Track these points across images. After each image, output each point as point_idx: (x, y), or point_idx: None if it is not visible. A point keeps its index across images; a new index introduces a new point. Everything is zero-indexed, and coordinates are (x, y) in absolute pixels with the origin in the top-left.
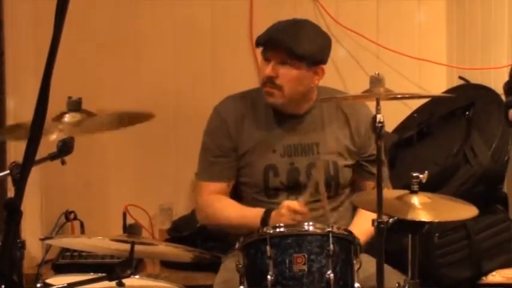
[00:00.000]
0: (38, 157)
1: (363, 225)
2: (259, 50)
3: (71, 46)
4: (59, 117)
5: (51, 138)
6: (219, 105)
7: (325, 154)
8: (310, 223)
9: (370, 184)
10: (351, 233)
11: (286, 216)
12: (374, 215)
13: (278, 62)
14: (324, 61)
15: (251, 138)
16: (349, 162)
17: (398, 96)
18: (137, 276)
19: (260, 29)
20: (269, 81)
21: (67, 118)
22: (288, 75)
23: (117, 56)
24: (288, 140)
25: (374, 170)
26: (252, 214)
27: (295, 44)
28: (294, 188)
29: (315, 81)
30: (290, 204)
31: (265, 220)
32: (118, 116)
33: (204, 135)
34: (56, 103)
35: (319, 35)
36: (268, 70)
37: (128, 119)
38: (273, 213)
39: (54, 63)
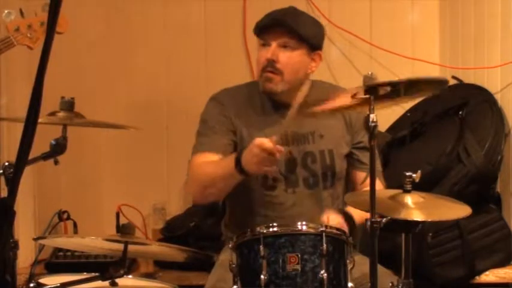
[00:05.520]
0: (31, 157)
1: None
2: (253, 49)
3: (63, 46)
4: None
5: None
6: (216, 94)
7: (321, 143)
8: (304, 223)
9: (361, 174)
10: (344, 232)
11: (259, 157)
12: (367, 215)
13: (279, 44)
14: (320, 46)
15: (247, 128)
16: (345, 150)
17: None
18: (130, 276)
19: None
20: (269, 66)
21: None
22: (289, 58)
23: (110, 56)
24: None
25: (364, 158)
26: (226, 162)
27: (297, 25)
28: (291, 178)
29: (313, 67)
30: (263, 143)
31: (239, 162)
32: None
33: (202, 117)
34: (48, 103)
35: (315, 22)
36: (269, 53)
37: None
38: (244, 153)
39: (47, 63)
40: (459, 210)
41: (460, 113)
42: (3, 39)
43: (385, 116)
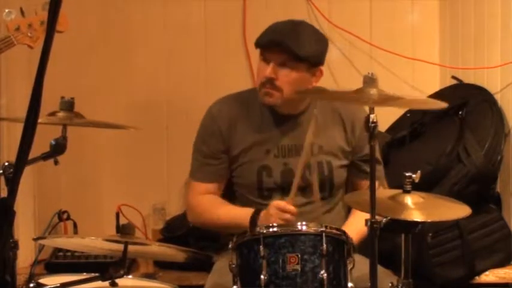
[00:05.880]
0: (31, 157)
1: (356, 225)
2: (253, 51)
3: (63, 46)
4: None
5: None
6: (213, 106)
7: (319, 154)
8: (304, 223)
9: (366, 183)
10: (344, 232)
11: (275, 216)
12: (367, 215)
13: (278, 63)
14: (322, 62)
15: (245, 139)
16: (344, 162)
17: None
18: (130, 276)
19: (253, 29)
20: (268, 83)
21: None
22: (288, 77)
23: (109, 56)
24: (282, 141)
25: (369, 169)
26: (241, 214)
27: (297, 46)
28: (287, 189)
29: (313, 82)
30: (278, 204)
31: (254, 220)
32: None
33: (197, 136)
34: (48, 103)
35: (318, 37)
36: (268, 71)
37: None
38: (262, 213)
39: (47, 63)
40: (459, 210)
41: (460, 113)
42: (3, 38)
43: (385, 116)
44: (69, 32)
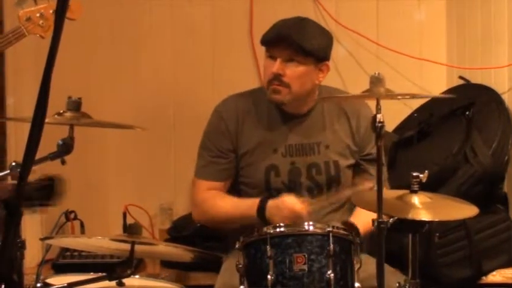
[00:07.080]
0: (38, 157)
1: (362, 218)
2: (260, 50)
3: (70, 46)
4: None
5: None
6: (219, 105)
7: (326, 154)
8: (311, 223)
9: (368, 184)
10: (351, 232)
11: (288, 213)
12: (374, 215)
13: (285, 59)
14: (328, 58)
15: (252, 138)
16: (351, 161)
17: (399, 97)
18: (137, 276)
19: (260, 29)
20: (276, 79)
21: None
22: (295, 72)
23: (117, 57)
24: (290, 140)
25: (371, 170)
26: (247, 204)
27: (303, 40)
28: (294, 189)
29: (320, 78)
30: (295, 207)
31: (262, 210)
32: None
33: (204, 134)
34: (55, 103)
35: (323, 32)
36: (275, 67)
37: None
38: (272, 205)
39: (54, 63)
40: (466, 210)
41: (467, 113)
42: (13, 30)
43: (392, 116)
44: (76, 32)
